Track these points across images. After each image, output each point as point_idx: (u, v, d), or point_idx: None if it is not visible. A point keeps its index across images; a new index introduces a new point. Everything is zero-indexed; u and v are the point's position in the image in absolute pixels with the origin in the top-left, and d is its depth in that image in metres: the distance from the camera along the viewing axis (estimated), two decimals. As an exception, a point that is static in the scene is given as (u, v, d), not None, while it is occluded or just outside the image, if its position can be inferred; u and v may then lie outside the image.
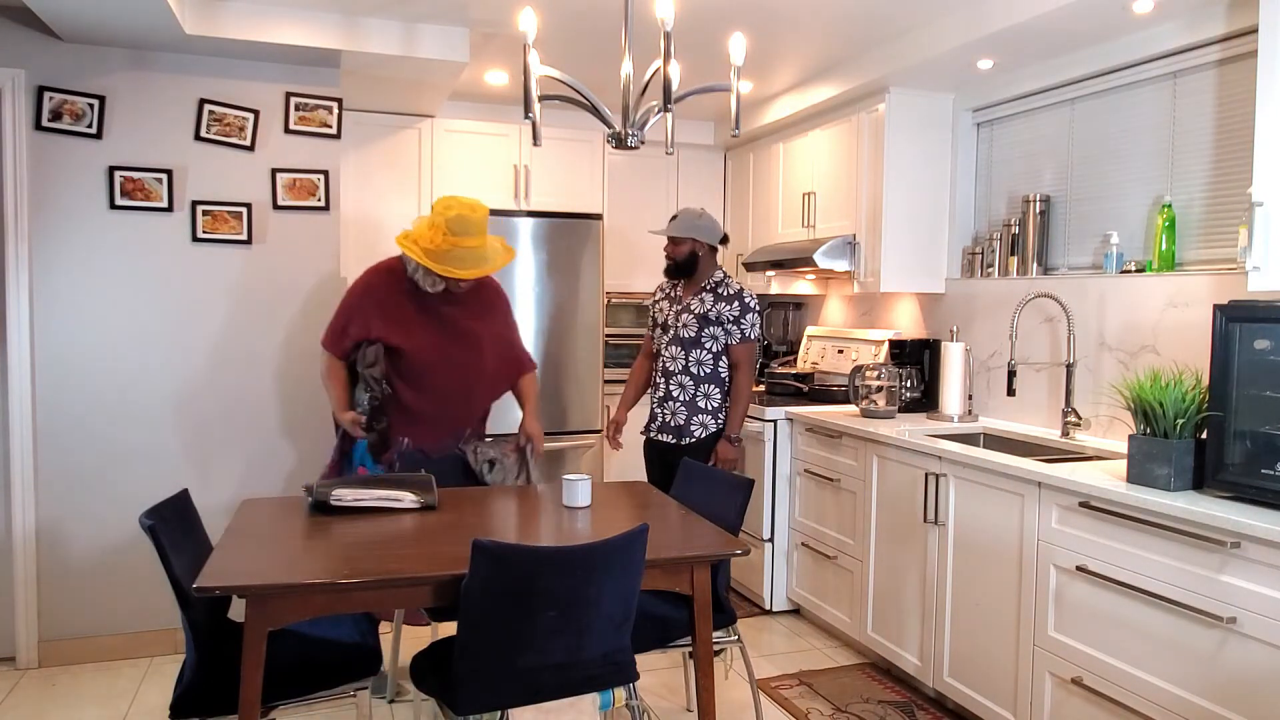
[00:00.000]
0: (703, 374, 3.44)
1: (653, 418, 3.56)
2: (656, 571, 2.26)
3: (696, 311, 3.46)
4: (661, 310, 3.60)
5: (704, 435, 3.45)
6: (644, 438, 3.64)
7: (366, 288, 3.13)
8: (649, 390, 3.64)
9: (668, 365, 3.50)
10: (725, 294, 3.46)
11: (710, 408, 3.45)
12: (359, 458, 3.15)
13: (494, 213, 4.60)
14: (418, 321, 3.07)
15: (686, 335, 3.45)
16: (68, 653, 3.47)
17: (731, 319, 3.43)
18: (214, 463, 3.63)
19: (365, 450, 3.13)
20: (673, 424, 3.47)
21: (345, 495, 2.55)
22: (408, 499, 2.58)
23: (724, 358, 3.48)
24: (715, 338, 3.46)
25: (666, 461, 3.50)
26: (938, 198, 4.01)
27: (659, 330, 3.59)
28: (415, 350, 3.05)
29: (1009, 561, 2.78)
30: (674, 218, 3.51)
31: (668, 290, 3.63)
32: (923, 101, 3.95)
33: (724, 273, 3.53)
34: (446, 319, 3.11)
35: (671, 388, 3.48)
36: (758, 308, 3.48)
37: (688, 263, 3.48)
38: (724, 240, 3.54)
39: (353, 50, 3.47)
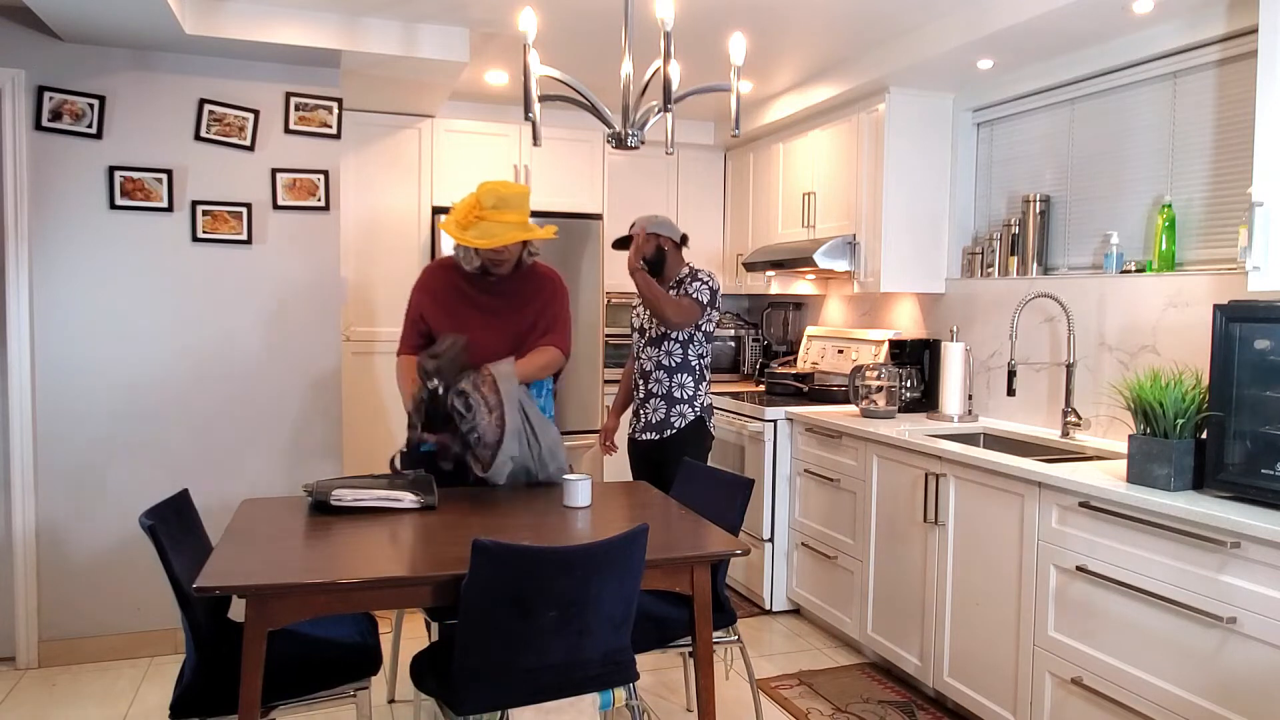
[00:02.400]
0: (673, 364, 3.45)
1: (636, 418, 3.56)
2: (656, 571, 2.26)
3: None
4: (639, 316, 3.61)
5: (684, 425, 3.45)
6: (628, 441, 3.63)
7: (421, 280, 3.08)
8: (632, 395, 3.63)
9: (644, 366, 3.51)
10: (686, 281, 3.45)
11: (685, 396, 3.45)
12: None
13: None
14: (457, 310, 3.00)
15: (658, 334, 3.46)
16: (68, 653, 3.47)
17: (684, 291, 3.43)
18: (214, 463, 3.63)
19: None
20: (654, 420, 3.47)
21: (345, 495, 2.56)
22: (408, 499, 2.58)
23: (692, 346, 3.47)
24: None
25: (653, 460, 3.50)
26: (938, 198, 4.01)
27: (637, 335, 3.59)
28: (443, 334, 3.02)
29: (1009, 561, 2.78)
30: (632, 225, 3.51)
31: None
32: (923, 101, 3.95)
33: (689, 267, 3.52)
34: (484, 308, 3.03)
35: (650, 385, 3.49)
36: (710, 283, 3.42)
37: (656, 259, 3.48)
38: (684, 240, 3.54)
39: (353, 50, 3.47)
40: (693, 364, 3.47)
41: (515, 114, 4.75)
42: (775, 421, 4.01)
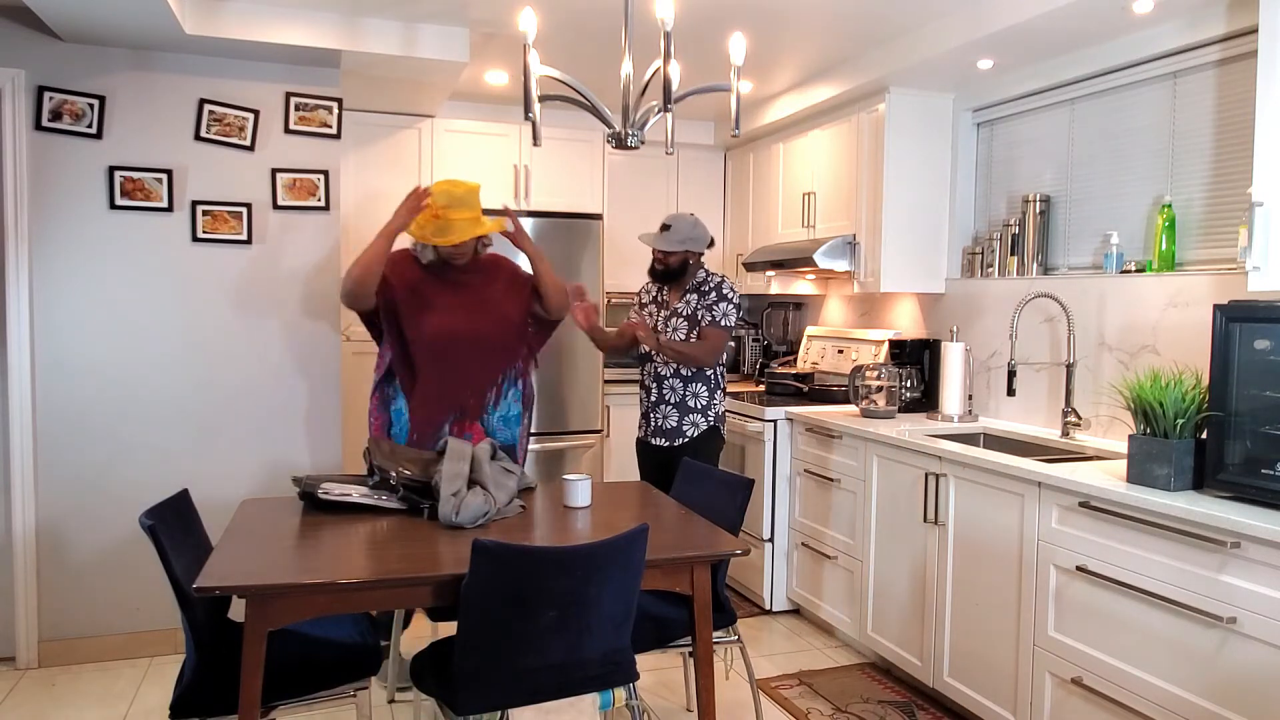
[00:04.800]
0: (690, 373, 3.44)
1: (646, 421, 3.54)
2: (656, 571, 2.26)
3: (684, 314, 3.45)
4: (651, 315, 3.58)
5: (696, 434, 3.45)
6: (638, 442, 3.62)
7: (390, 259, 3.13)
8: (640, 394, 3.59)
9: (659, 370, 3.48)
10: (706, 289, 3.47)
11: (699, 406, 3.45)
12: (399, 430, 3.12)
13: (494, 212, 4.60)
14: (426, 294, 3.09)
15: (677, 339, 3.44)
16: (68, 653, 3.47)
17: (706, 307, 3.43)
18: (214, 462, 3.63)
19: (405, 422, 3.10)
20: (665, 427, 3.46)
21: (332, 489, 2.55)
22: (395, 499, 2.58)
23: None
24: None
25: (660, 463, 3.50)
26: (938, 198, 4.01)
27: None
28: (427, 313, 3.05)
29: (1009, 561, 2.78)
30: (666, 226, 3.45)
31: (654, 294, 3.61)
32: (923, 101, 3.95)
33: (706, 271, 3.52)
34: (461, 285, 3.13)
35: (664, 392, 3.47)
36: (735, 300, 3.44)
37: (679, 269, 3.48)
38: (711, 243, 3.54)
39: (353, 50, 3.47)
40: (708, 374, 3.47)
41: (515, 114, 4.75)
42: (775, 421, 4.01)
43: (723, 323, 3.41)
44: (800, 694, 3.24)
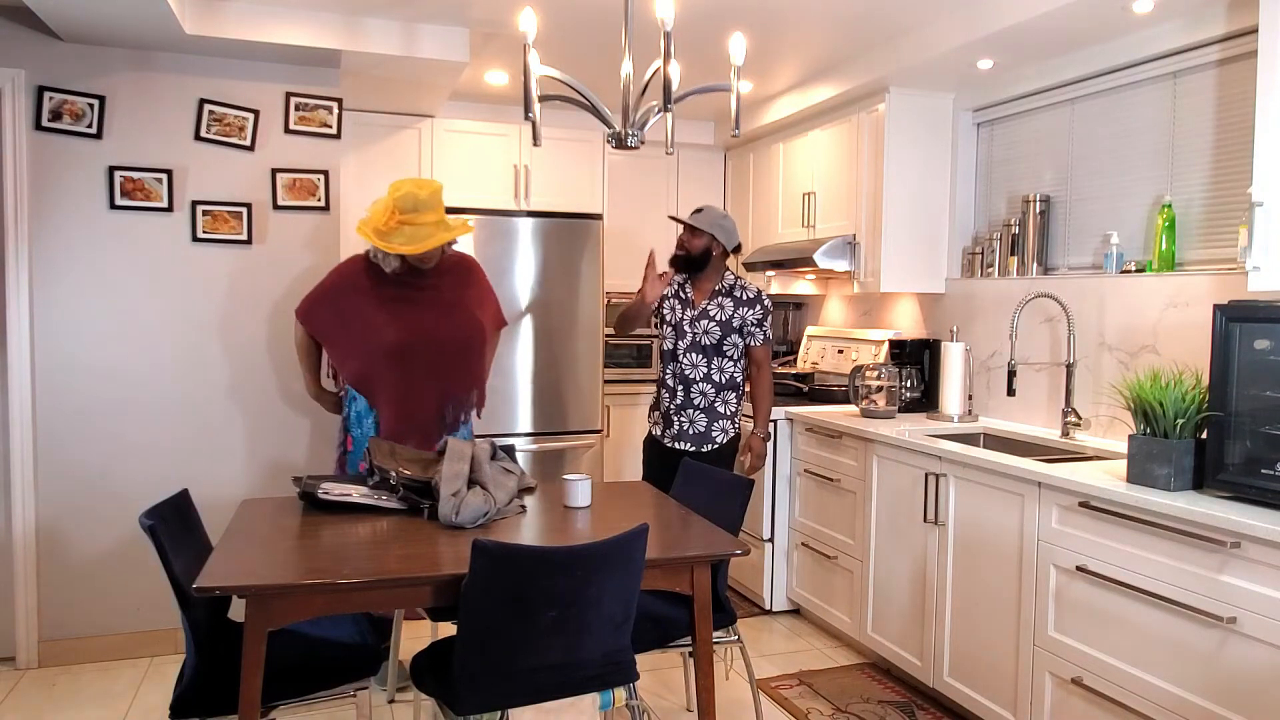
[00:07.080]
0: (723, 380, 3.42)
1: (667, 424, 3.48)
2: (656, 571, 2.26)
3: (718, 318, 3.41)
4: (673, 310, 3.50)
5: (725, 441, 3.43)
6: (651, 441, 3.58)
7: (340, 281, 3.12)
8: (662, 394, 3.52)
9: (687, 373, 3.43)
10: (746, 299, 3.44)
11: (729, 412, 3.44)
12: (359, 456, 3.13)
13: (494, 213, 4.61)
14: (394, 306, 3.07)
15: (708, 343, 3.41)
16: (68, 653, 3.47)
17: (755, 323, 3.43)
18: (214, 462, 3.63)
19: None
20: (691, 432, 3.42)
21: (332, 489, 2.56)
22: (395, 499, 2.58)
23: (741, 362, 3.47)
24: (736, 345, 3.43)
25: (675, 467, 3.45)
26: (938, 198, 4.01)
27: (671, 331, 3.50)
28: (399, 332, 3.04)
29: (1009, 561, 2.78)
30: (698, 210, 3.43)
31: (675, 289, 3.54)
32: (923, 101, 3.95)
33: (734, 275, 3.50)
34: (430, 288, 3.11)
35: (692, 395, 3.42)
36: (771, 310, 3.51)
37: (701, 258, 3.42)
38: (737, 249, 3.50)
39: (353, 50, 3.47)
40: (738, 380, 3.46)
41: (515, 114, 4.75)
42: (775, 421, 4.01)
43: (770, 336, 3.50)
44: (800, 694, 3.24)
